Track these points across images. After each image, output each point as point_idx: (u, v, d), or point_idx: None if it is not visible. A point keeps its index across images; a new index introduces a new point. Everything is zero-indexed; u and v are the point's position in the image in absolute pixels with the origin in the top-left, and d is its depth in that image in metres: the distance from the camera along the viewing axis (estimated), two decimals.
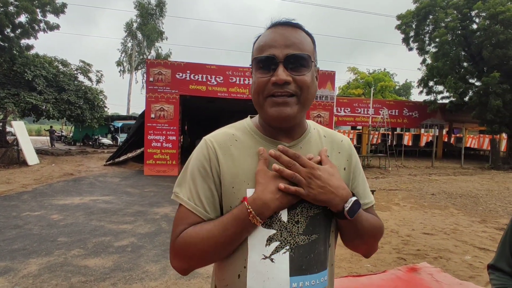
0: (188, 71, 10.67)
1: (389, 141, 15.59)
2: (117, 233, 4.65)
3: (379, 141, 17.99)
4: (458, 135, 27.98)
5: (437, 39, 17.44)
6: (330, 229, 0.83)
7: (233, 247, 0.76)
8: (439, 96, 19.42)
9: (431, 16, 18.19)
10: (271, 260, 0.76)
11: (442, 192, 8.64)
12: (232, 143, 0.83)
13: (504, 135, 18.22)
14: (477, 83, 16.86)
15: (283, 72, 0.74)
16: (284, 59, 0.75)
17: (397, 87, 44.68)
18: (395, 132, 25.39)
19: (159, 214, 5.79)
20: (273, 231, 0.77)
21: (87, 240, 4.32)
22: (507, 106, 14.99)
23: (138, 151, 12.36)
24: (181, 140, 11.91)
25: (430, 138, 25.25)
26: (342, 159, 0.89)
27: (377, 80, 34.56)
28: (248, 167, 0.79)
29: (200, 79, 10.75)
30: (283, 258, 0.77)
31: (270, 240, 0.76)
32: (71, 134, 25.85)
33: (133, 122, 20.56)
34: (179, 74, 10.62)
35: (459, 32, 16.96)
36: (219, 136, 0.84)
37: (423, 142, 27.27)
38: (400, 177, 11.58)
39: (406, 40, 19.90)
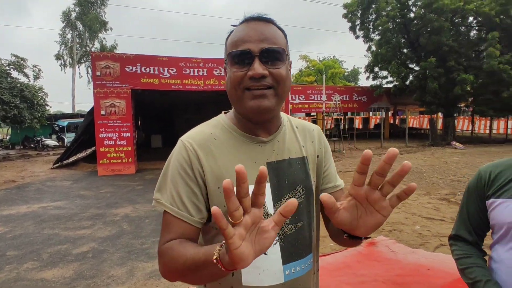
0: (139, 64, 10.16)
1: (342, 126, 16.43)
2: (75, 240, 4.38)
3: (333, 126, 18.87)
4: (402, 116, 30.26)
5: (380, 27, 18.55)
6: (313, 215, 0.88)
7: (214, 280, 0.72)
8: (384, 81, 20.82)
9: (374, 6, 19.23)
10: (264, 253, 0.77)
11: (392, 170, 9.31)
12: (211, 142, 0.81)
13: (440, 115, 20.09)
14: (416, 68, 18.31)
15: (259, 66, 0.74)
16: (260, 53, 0.75)
17: (346, 73, 46.83)
18: (346, 117, 26.74)
19: (119, 215, 5.54)
20: None
21: (41, 251, 4.01)
22: (442, 88, 16.50)
23: (89, 150, 11.59)
24: (135, 136, 11.39)
25: (378, 121, 27.01)
26: (316, 147, 0.93)
27: (328, 67, 35.93)
28: (231, 166, 0.79)
29: (152, 72, 10.30)
30: (275, 249, 0.79)
31: None
32: (7, 137, 23.36)
33: (80, 120, 19.16)
34: (128, 67, 10.06)
35: (399, 20, 18.17)
36: (197, 136, 0.82)
37: (372, 125, 29.09)
38: (354, 159, 12.29)
39: (352, 28, 20.88)
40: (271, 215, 0.76)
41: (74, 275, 3.35)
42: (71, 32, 31.76)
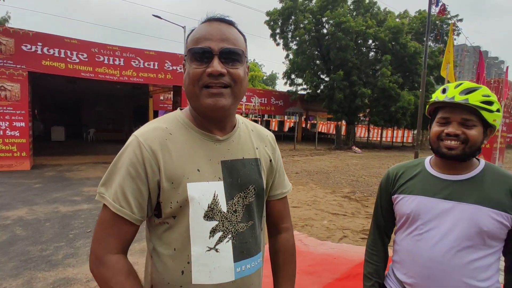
0: (40, 43, 8.79)
1: None
2: None
3: None
4: (312, 121, 33.13)
5: (297, 38, 20.08)
6: (262, 214, 0.94)
7: None
8: (299, 88, 22.56)
9: (293, 17, 20.67)
10: (216, 250, 0.80)
11: (304, 170, 10.22)
12: (167, 137, 0.81)
13: (344, 122, 22.74)
14: (327, 79, 20.39)
15: (218, 64, 0.76)
16: (220, 52, 0.77)
17: (265, 77, 48.95)
18: (263, 119, 28.02)
19: (11, 218, 4.74)
20: (215, 222, 0.81)
21: None
22: (347, 99, 18.78)
23: None
24: (31, 127, 9.82)
25: (292, 124, 29.03)
26: (269, 152, 0.98)
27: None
28: (186, 162, 0.80)
29: (57, 55, 9.03)
30: (227, 247, 0.82)
31: (213, 231, 0.80)
32: None
33: None
34: (26, 46, 8.62)
35: (314, 34, 19.94)
36: (152, 133, 0.81)
37: (286, 128, 31.09)
38: None
39: (273, 36, 22.02)
40: (224, 212, 0.82)
41: None
42: None
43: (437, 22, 19.67)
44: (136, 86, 12.57)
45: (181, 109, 0.91)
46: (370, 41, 20.09)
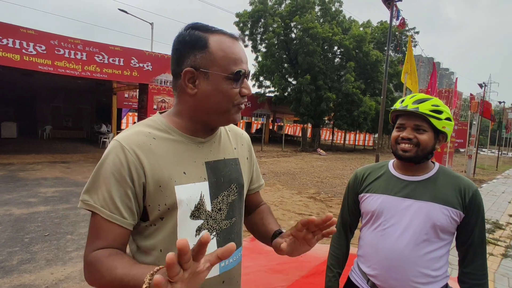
0: None
1: None
2: None
3: None
4: (279, 123, 33.66)
5: (266, 41, 20.36)
6: (243, 211, 1.00)
7: None
8: (267, 90, 22.82)
9: (262, 20, 20.92)
10: None
11: (271, 171, 10.38)
12: (151, 141, 0.82)
13: (309, 125, 23.39)
14: (294, 82, 20.86)
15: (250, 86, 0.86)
16: (248, 74, 0.87)
17: None
18: None
19: None
20: (201, 221, 0.84)
21: None
22: (313, 103, 19.35)
23: None
24: None
25: (260, 126, 29.29)
26: (245, 150, 1.04)
27: None
28: (172, 165, 0.82)
29: (11, 45, 8.38)
30: (212, 244, 0.85)
31: (199, 230, 0.84)
32: None
33: None
34: None
35: (282, 38, 20.34)
36: (135, 137, 0.81)
37: (253, 129, 31.30)
38: None
39: (242, 37, 22.11)
40: (209, 211, 0.85)
41: None
42: None
43: (397, 33, 20.94)
44: (99, 82, 11.98)
45: (160, 113, 0.91)
46: (336, 48, 20.91)
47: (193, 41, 0.81)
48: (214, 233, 0.87)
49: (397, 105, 1.20)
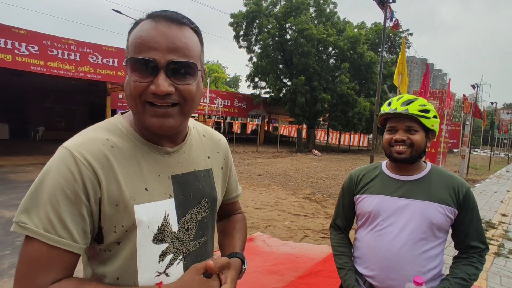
0: None
1: (222, 129, 17.23)
2: None
3: (213, 128, 19.63)
4: (275, 124, 33.73)
5: (261, 42, 20.40)
6: (215, 227, 0.90)
7: None
8: (262, 91, 22.86)
9: (257, 21, 20.97)
10: (166, 274, 0.73)
11: (266, 172, 10.37)
12: (109, 151, 0.68)
13: (304, 126, 23.47)
14: (289, 83, 20.93)
15: (165, 82, 0.64)
16: (166, 65, 0.64)
17: (228, 79, 48.92)
18: (226, 121, 28.01)
19: None
20: (166, 245, 0.73)
21: None
22: (308, 104, 19.43)
23: None
24: None
25: (255, 127, 29.32)
26: (220, 158, 0.92)
27: (211, 71, 36.79)
28: (132, 180, 0.69)
29: (2, 45, 8.29)
30: (178, 269, 0.75)
31: (163, 255, 0.73)
32: None
33: None
34: None
35: (277, 39, 20.41)
36: (90, 145, 0.67)
37: (249, 130, 31.32)
38: (234, 161, 13.00)
39: (236, 38, 22.14)
40: (175, 232, 0.75)
41: None
42: None
43: (390, 35, 21.12)
44: (92, 83, 11.88)
45: (122, 113, 0.78)
46: (330, 49, 21.02)
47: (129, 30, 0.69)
48: (181, 257, 0.76)
49: (386, 108, 1.21)
